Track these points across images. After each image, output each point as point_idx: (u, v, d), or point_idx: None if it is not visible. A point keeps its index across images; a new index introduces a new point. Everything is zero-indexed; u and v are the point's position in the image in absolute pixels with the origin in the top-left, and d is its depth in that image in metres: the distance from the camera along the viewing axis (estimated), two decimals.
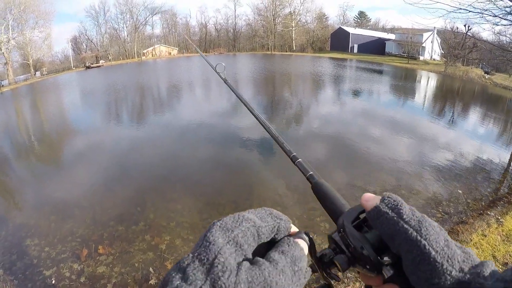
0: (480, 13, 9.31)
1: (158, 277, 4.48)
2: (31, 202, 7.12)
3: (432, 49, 56.75)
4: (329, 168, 8.15)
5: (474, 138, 12.01)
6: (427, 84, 30.50)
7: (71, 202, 6.73)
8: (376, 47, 63.34)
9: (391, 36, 64.04)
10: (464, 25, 33.38)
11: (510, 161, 9.31)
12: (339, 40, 68.20)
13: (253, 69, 33.88)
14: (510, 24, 9.62)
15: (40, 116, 18.58)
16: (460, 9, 9.57)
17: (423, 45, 54.84)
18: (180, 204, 6.41)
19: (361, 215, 0.48)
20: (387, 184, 7.26)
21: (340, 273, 0.48)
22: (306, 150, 9.23)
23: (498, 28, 12.31)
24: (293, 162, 0.75)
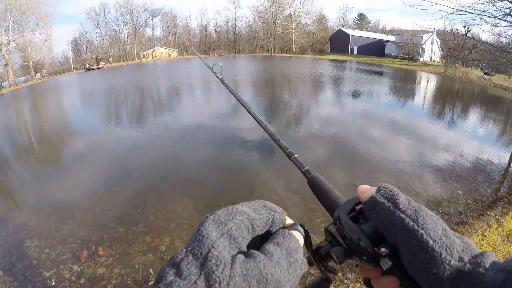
0: (479, 14, 9.32)
1: None
2: (31, 203, 7.12)
3: (431, 51, 56.90)
4: (329, 169, 8.15)
5: (474, 139, 12.01)
6: (427, 86, 30.53)
7: (71, 203, 6.73)
8: (376, 48, 63.46)
9: (391, 38, 64.21)
10: (464, 27, 33.51)
11: (510, 161, 9.31)
12: (339, 42, 68.33)
13: (253, 71, 33.92)
14: (509, 25, 9.63)
15: (40, 117, 18.59)
16: (460, 10, 9.58)
17: (423, 46, 54.99)
18: (180, 206, 6.41)
19: (357, 207, 0.48)
20: None
21: (337, 265, 0.48)
22: (306, 151, 9.23)
23: (497, 29, 12.38)
24: (289, 158, 0.75)
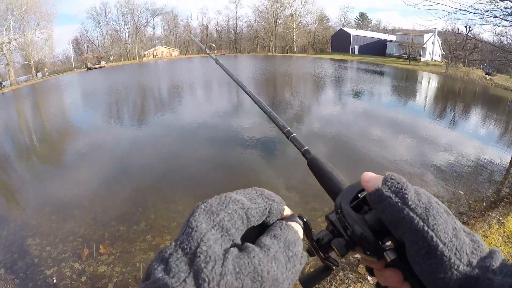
0: (481, 14, 9.29)
1: None
2: (33, 202, 7.13)
3: (433, 50, 56.79)
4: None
5: (475, 139, 11.99)
6: (428, 85, 30.48)
7: (73, 202, 6.74)
8: (377, 48, 63.38)
9: (392, 38, 64.10)
10: (465, 26, 33.60)
11: (511, 162, 9.29)
12: (340, 42, 68.28)
13: (254, 70, 33.92)
14: (511, 25, 9.58)
15: (42, 116, 18.63)
16: (461, 10, 9.55)
17: (424, 46, 54.87)
18: (181, 205, 6.41)
19: (360, 194, 0.45)
20: None
21: (339, 258, 0.46)
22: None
23: (499, 29, 12.31)
24: (287, 137, 0.73)
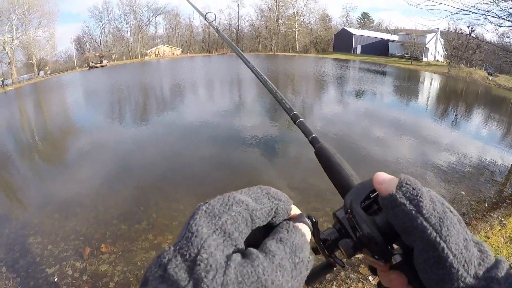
0: (483, 14, 9.24)
1: None
2: (35, 200, 7.14)
3: (435, 51, 56.67)
4: None
5: (477, 140, 11.96)
6: (430, 86, 30.41)
7: (74, 200, 6.76)
8: (380, 48, 63.23)
9: (395, 37, 63.95)
10: (468, 27, 33.37)
11: None
12: (342, 41, 68.16)
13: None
14: None
15: (44, 115, 18.67)
16: (464, 10, 9.50)
17: (427, 46, 54.75)
18: (182, 204, 6.41)
19: (372, 194, 0.43)
20: None
21: (345, 259, 0.44)
22: (309, 149, 9.21)
23: (501, 30, 12.23)
24: (294, 122, 0.68)
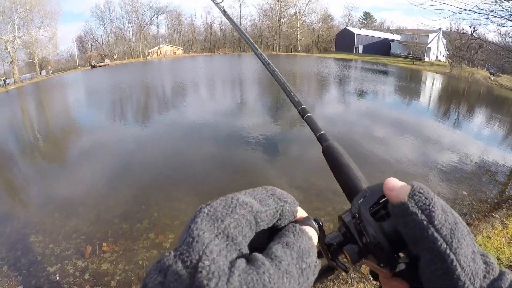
0: (485, 14, 9.24)
1: None
2: (36, 199, 7.17)
3: (437, 50, 56.54)
4: None
5: (479, 140, 11.92)
6: (432, 85, 30.33)
7: (76, 199, 6.77)
8: (381, 48, 63.14)
9: (396, 37, 63.86)
10: (470, 26, 33.33)
11: None
12: (344, 41, 68.07)
13: (258, 69, 33.86)
14: None
15: (46, 114, 18.72)
16: (466, 10, 9.50)
17: (429, 46, 54.63)
18: (184, 203, 6.42)
19: (381, 200, 0.42)
20: None
21: (350, 264, 0.43)
22: (310, 148, 9.21)
23: (504, 30, 12.25)
24: (302, 117, 0.66)
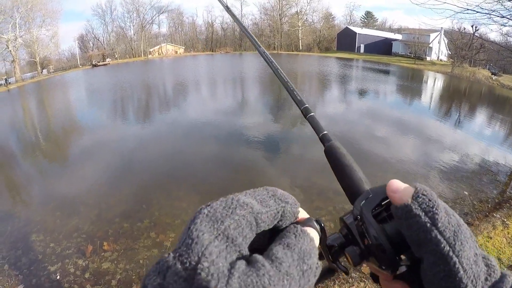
0: (487, 14, 9.22)
1: None
2: (37, 198, 7.19)
3: (439, 50, 56.38)
4: None
5: (480, 140, 11.89)
6: (433, 85, 30.27)
7: (77, 198, 6.78)
8: (383, 47, 63.02)
9: (398, 36, 63.70)
10: (472, 26, 33.21)
11: None
12: (345, 40, 67.94)
13: (260, 68, 33.85)
14: None
15: (47, 113, 18.74)
16: (468, 9, 9.48)
17: (430, 45, 54.47)
18: (185, 202, 6.42)
19: (383, 202, 0.41)
20: None
21: (351, 266, 0.43)
22: (311, 148, 9.21)
23: (505, 29, 12.19)
24: (305, 116, 0.66)
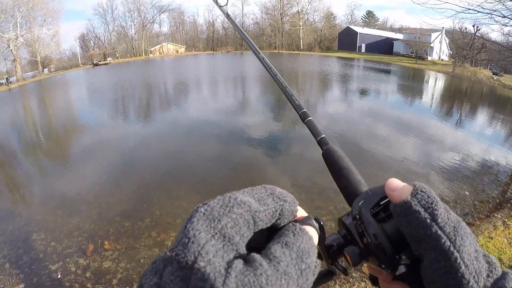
0: (489, 13, 9.21)
1: None
2: (38, 197, 7.20)
3: (440, 50, 56.26)
4: None
5: (481, 140, 11.86)
6: (435, 85, 30.21)
7: (78, 197, 6.80)
8: (384, 46, 62.90)
9: (399, 36, 63.54)
10: (473, 26, 33.23)
11: None
12: (346, 40, 67.86)
13: (260, 68, 33.82)
14: None
15: (48, 112, 18.75)
16: (469, 9, 9.47)
17: (431, 45, 54.35)
18: (186, 201, 6.43)
19: (382, 201, 0.41)
20: None
21: (350, 267, 0.42)
22: (311, 148, 9.21)
23: (507, 29, 12.17)
24: (303, 121, 0.66)
